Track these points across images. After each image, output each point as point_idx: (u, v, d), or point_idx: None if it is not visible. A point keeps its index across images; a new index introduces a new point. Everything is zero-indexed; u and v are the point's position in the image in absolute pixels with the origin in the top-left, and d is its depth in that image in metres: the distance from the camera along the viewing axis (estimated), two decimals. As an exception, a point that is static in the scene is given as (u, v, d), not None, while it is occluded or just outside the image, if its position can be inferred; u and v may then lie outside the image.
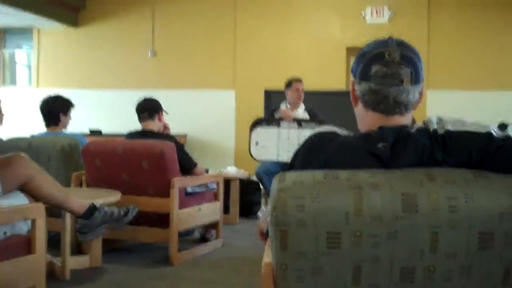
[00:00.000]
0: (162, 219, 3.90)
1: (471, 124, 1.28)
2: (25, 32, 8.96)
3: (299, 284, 1.19)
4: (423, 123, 1.33)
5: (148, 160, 3.88)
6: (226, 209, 5.09)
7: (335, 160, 1.30)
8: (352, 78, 1.44)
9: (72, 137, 4.29)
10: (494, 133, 1.25)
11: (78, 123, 5.84)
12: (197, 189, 4.30)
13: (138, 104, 4.36)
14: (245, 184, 5.85)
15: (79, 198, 3.19)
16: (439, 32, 7.39)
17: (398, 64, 1.32)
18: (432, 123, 1.30)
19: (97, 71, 8.53)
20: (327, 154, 1.33)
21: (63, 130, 4.47)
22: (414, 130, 1.31)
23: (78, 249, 3.74)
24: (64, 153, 4.14)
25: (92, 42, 8.59)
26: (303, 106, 5.74)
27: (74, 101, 4.53)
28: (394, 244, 1.16)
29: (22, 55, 9.35)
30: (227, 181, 5.31)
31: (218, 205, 4.45)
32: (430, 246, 1.16)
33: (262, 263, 1.30)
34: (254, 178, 5.75)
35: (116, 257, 3.96)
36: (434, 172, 1.20)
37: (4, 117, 4.89)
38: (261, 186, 5.68)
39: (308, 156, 1.38)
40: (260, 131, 5.12)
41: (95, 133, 7.67)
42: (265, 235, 1.60)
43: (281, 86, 5.80)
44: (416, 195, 1.15)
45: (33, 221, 2.62)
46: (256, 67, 7.83)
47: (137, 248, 4.36)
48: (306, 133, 3.87)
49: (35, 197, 2.82)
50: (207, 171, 4.71)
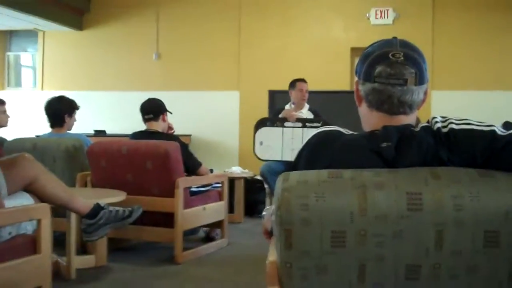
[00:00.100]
0: (167, 219, 3.91)
1: (475, 123, 1.27)
2: (30, 35, 8.99)
3: (304, 282, 1.19)
4: (428, 122, 1.32)
5: (152, 160, 3.89)
6: (231, 208, 5.10)
7: (339, 159, 1.30)
8: (356, 78, 1.44)
9: (77, 138, 4.30)
10: (499, 132, 1.24)
11: (83, 124, 5.85)
12: (202, 188, 4.31)
13: (142, 104, 4.36)
14: (249, 183, 5.87)
15: (84, 198, 3.20)
16: (444, 33, 7.37)
17: (402, 65, 1.31)
18: (437, 122, 1.29)
19: (102, 73, 8.54)
20: (331, 154, 1.33)
21: (68, 132, 4.48)
22: (418, 129, 1.30)
23: (83, 249, 3.75)
24: (68, 154, 4.15)
25: (96, 44, 8.60)
26: (307, 106, 5.74)
27: (78, 102, 4.55)
28: (399, 243, 1.16)
29: (27, 57, 9.37)
30: (232, 181, 5.32)
31: (222, 204, 4.46)
32: (435, 245, 1.16)
33: (267, 261, 1.30)
34: (258, 177, 5.76)
35: (121, 256, 3.97)
36: (439, 171, 1.20)
37: (9, 119, 4.93)
38: (266, 185, 5.69)
39: (312, 156, 1.38)
40: (265, 131, 5.13)
41: (100, 133, 7.69)
42: (270, 233, 1.60)
43: (286, 87, 5.80)
44: (421, 194, 1.15)
45: (39, 221, 2.62)
46: (260, 68, 7.83)
47: (142, 247, 4.37)
48: (310, 133, 3.88)
49: (40, 197, 2.83)
50: (211, 171, 4.72)
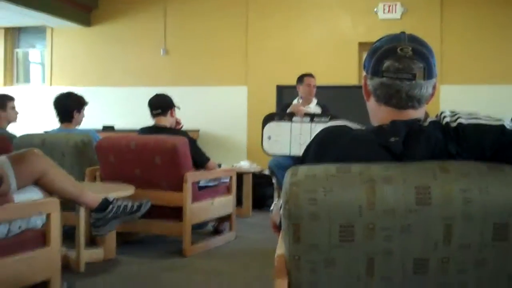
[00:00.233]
0: (175, 213, 3.92)
1: (484, 117, 1.27)
2: (39, 31, 9.02)
3: (312, 276, 1.20)
4: (436, 116, 1.32)
5: (161, 155, 3.90)
6: (239, 202, 5.11)
7: (347, 153, 1.29)
8: (364, 73, 1.43)
9: (86, 133, 4.32)
10: (508, 126, 1.24)
11: (92, 119, 5.88)
12: (210, 183, 4.32)
13: (150, 100, 4.37)
14: (257, 177, 5.87)
15: (93, 192, 3.22)
16: (452, 27, 7.31)
17: (411, 59, 1.31)
18: (445, 116, 1.29)
19: (110, 69, 8.56)
20: (339, 148, 1.33)
21: (77, 127, 4.50)
22: (427, 123, 1.30)
23: (92, 242, 3.77)
24: (77, 149, 4.17)
25: (104, 40, 8.61)
26: (315, 101, 5.73)
27: (87, 98, 4.56)
28: (407, 237, 1.16)
29: (35, 54, 9.41)
30: (240, 175, 5.33)
31: (231, 198, 4.47)
32: (444, 239, 1.15)
33: (275, 255, 1.30)
34: (266, 172, 5.77)
35: (130, 250, 4.00)
36: (448, 164, 1.20)
37: (18, 115, 4.96)
38: (274, 180, 5.70)
39: (320, 150, 1.38)
40: (273, 125, 5.13)
41: (108, 128, 7.72)
42: (278, 227, 1.60)
43: (294, 82, 5.79)
44: (430, 187, 1.15)
45: (48, 215, 2.64)
46: (268, 63, 7.81)
47: (151, 241, 4.39)
48: (318, 127, 3.87)
49: (50, 191, 2.84)
50: (219, 165, 4.73)
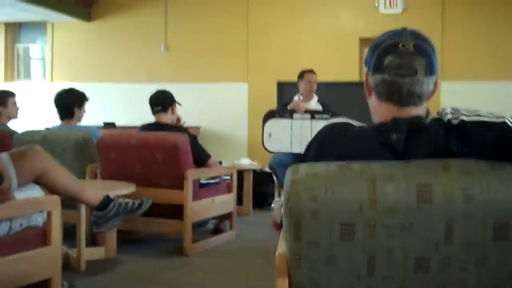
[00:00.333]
0: (176, 211, 3.92)
1: (486, 114, 1.26)
2: (39, 26, 9.02)
3: (313, 274, 1.20)
4: (438, 113, 1.31)
5: (161, 153, 3.89)
6: (239, 201, 5.10)
7: (348, 151, 1.29)
8: (365, 69, 1.43)
9: (86, 130, 4.32)
10: (510, 123, 1.23)
11: (92, 116, 5.87)
12: (211, 180, 4.31)
13: (151, 96, 4.36)
14: (258, 175, 5.86)
15: (94, 190, 3.21)
16: (453, 23, 7.30)
17: (412, 55, 1.30)
18: (447, 113, 1.28)
19: (111, 65, 8.56)
20: (340, 145, 1.33)
21: (78, 124, 4.50)
22: (428, 121, 1.29)
23: (93, 241, 3.77)
24: (78, 146, 4.16)
25: (105, 36, 8.62)
26: (316, 98, 5.72)
27: (88, 94, 4.56)
28: (408, 235, 1.15)
29: (36, 49, 9.41)
30: (241, 173, 5.32)
31: (231, 196, 4.46)
32: (445, 237, 1.15)
33: (276, 253, 1.30)
34: (267, 169, 5.76)
35: (131, 248, 3.99)
36: (449, 163, 1.19)
37: (19, 111, 4.95)
38: (275, 178, 5.69)
39: (322, 147, 1.37)
40: (273, 123, 5.12)
41: (109, 125, 7.71)
42: (278, 226, 1.60)
43: (294, 78, 5.78)
44: (431, 185, 1.14)
45: (49, 213, 2.64)
46: (269, 60, 7.81)
47: (151, 239, 4.39)
48: (319, 124, 3.87)
49: (50, 189, 2.84)
50: (220, 163, 4.72)
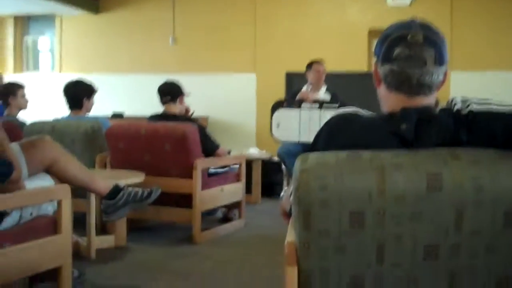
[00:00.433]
0: (185, 200, 3.94)
1: (495, 104, 1.26)
2: (48, 19, 9.05)
3: (322, 262, 1.20)
4: (447, 103, 1.31)
5: (170, 142, 3.91)
6: (248, 189, 5.12)
7: (357, 140, 1.29)
8: (375, 59, 1.43)
9: (95, 120, 4.33)
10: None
11: (102, 106, 5.89)
12: (220, 170, 4.32)
13: (160, 87, 4.37)
14: (267, 164, 5.87)
15: (104, 179, 3.23)
16: (462, 14, 7.22)
17: (421, 46, 1.30)
18: (456, 103, 1.28)
19: (119, 56, 8.56)
20: (349, 135, 1.33)
21: (87, 114, 4.51)
22: (437, 110, 1.29)
23: (103, 229, 3.80)
24: (87, 136, 4.18)
25: (113, 28, 8.61)
26: (324, 88, 5.71)
27: (97, 85, 4.56)
28: (418, 223, 1.16)
29: (45, 41, 9.43)
30: (249, 162, 5.33)
31: (240, 185, 4.48)
32: (454, 225, 1.15)
33: (285, 242, 1.31)
34: (276, 159, 5.77)
35: (141, 237, 4.02)
36: (459, 151, 1.19)
37: (28, 102, 4.98)
38: (283, 167, 5.70)
39: (331, 137, 1.38)
40: (282, 112, 5.12)
41: (117, 116, 7.74)
42: (287, 214, 1.61)
43: (303, 69, 5.76)
44: (441, 174, 1.14)
45: (59, 202, 2.66)
46: (277, 50, 7.78)
47: (161, 228, 4.41)
48: (327, 114, 3.86)
49: (61, 178, 2.86)
50: (229, 152, 4.73)
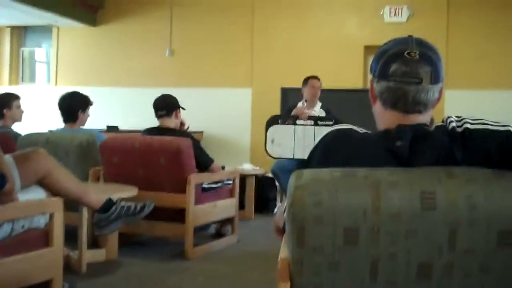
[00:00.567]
0: (178, 214, 3.92)
1: (490, 123, 1.26)
2: (45, 30, 9.07)
3: (315, 279, 1.19)
4: (442, 121, 1.31)
5: (165, 157, 3.90)
6: (242, 205, 5.11)
7: (352, 157, 1.29)
8: (370, 76, 1.43)
9: (90, 133, 4.32)
10: (515, 132, 1.23)
11: (96, 120, 5.87)
12: (213, 185, 4.31)
13: (155, 101, 4.37)
14: (260, 180, 5.87)
15: (97, 192, 3.22)
16: (458, 31, 7.30)
17: (418, 63, 1.30)
18: (451, 121, 1.28)
19: (115, 69, 8.59)
20: (344, 151, 1.33)
21: (81, 127, 4.50)
22: (432, 128, 1.30)
23: (94, 243, 3.77)
24: (81, 149, 4.16)
25: (110, 41, 8.65)
26: (319, 104, 5.72)
27: (92, 98, 4.56)
28: (412, 241, 1.15)
29: (41, 53, 9.45)
30: (243, 178, 5.33)
31: (233, 201, 4.47)
32: (448, 244, 1.15)
33: (278, 258, 1.30)
34: (269, 175, 5.76)
35: (132, 251, 4.00)
36: (454, 170, 1.19)
37: (23, 114, 4.96)
38: (277, 183, 5.69)
39: (326, 153, 1.37)
40: (276, 128, 5.12)
41: (112, 129, 7.73)
42: (281, 230, 1.60)
43: (298, 84, 5.78)
44: (435, 192, 1.14)
45: (51, 215, 2.65)
46: (273, 65, 7.82)
47: (153, 242, 4.39)
48: (322, 131, 3.86)
49: (53, 191, 2.85)
50: (223, 168, 4.72)
